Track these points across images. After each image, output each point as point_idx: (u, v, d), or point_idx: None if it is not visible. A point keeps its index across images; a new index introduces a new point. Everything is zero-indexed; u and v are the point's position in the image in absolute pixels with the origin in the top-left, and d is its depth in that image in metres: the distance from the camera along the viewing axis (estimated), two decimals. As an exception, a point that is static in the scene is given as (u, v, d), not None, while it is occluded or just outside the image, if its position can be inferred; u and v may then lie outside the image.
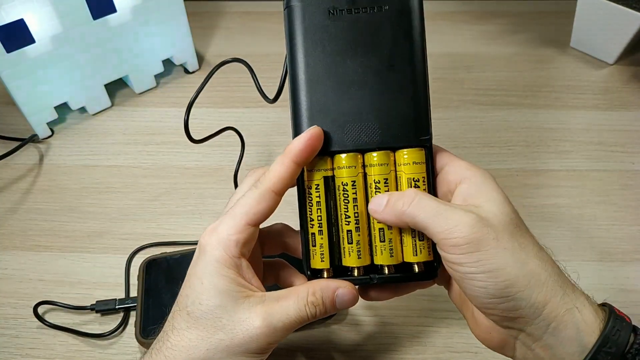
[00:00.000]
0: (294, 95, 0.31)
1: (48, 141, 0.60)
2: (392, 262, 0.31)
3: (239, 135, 0.51)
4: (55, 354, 0.42)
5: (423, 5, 0.31)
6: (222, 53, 0.70)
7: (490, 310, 0.28)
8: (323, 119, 0.30)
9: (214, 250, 0.30)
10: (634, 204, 0.50)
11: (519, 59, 0.66)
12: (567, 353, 0.27)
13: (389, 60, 0.30)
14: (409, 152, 0.30)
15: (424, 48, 0.31)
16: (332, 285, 0.30)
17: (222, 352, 0.28)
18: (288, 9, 0.31)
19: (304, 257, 0.31)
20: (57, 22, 0.53)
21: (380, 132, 0.30)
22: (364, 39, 0.30)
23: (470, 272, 0.27)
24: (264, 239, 0.35)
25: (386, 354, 0.41)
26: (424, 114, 0.30)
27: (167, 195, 0.53)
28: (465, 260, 0.27)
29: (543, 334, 0.27)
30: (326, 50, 0.30)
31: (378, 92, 0.30)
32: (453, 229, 0.27)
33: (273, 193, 0.30)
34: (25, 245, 0.50)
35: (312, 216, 0.31)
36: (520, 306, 0.27)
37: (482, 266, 0.27)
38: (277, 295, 0.30)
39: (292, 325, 0.29)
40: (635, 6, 0.58)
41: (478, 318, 0.31)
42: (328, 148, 0.30)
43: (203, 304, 0.29)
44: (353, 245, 0.31)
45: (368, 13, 0.30)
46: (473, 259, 0.27)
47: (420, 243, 0.31)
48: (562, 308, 0.27)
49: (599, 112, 0.59)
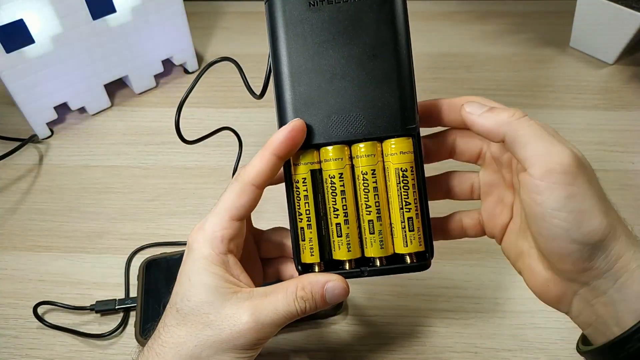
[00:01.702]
0: (278, 89, 0.31)
1: (48, 141, 0.60)
2: (383, 254, 0.31)
3: (236, 135, 0.51)
4: (55, 354, 0.42)
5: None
6: (221, 53, 0.69)
7: (563, 258, 0.27)
8: (308, 112, 0.30)
9: (201, 247, 0.30)
10: (633, 203, 0.50)
11: (519, 59, 0.66)
12: (630, 310, 0.26)
13: (372, 50, 0.30)
14: (396, 142, 0.30)
15: (407, 36, 0.31)
16: (321, 279, 0.30)
17: (210, 348, 0.28)
18: (269, 3, 0.31)
19: (294, 253, 0.31)
20: (57, 22, 0.53)
21: (366, 122, 0.30)
22: (346, 29, 0.30)
23: (556, 208, 0.26)
24: (259, 241, 0.35)
25: (386, 353, 0.41)
26: (409, 102, 0.30)
27: (166, 195, 0.53)
28: (555, 192, 0.26)
29: (609, 288, 0.27)
30: (308, 42, 0.30)
31: (362, 82, 0.30)
32: (553, 154, 0.26)
33: (253, 186, 0.30)
34: (25, 246, 0.50)
35: (300, 210, 0.31)
36: (597, 256, 0.26)
37: (571, 203, 0.26)
38: (265, 291, 0.30)
39: (280, 321, 0.29)
40: (635, 6, 0.58)
41: (536, 269, 0.30)
42: (314, 141, 0.30)
43: (191, 301, 0.29)
44: (343, 239, 0.30)
45: (349, 3, 0.30)
46: (564, 192, 0.26)
47: (411, 234, 0.30)
48: (634, 264, 0.26)
49: (598, 112, 0.59)
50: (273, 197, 0.31)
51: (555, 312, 0.42)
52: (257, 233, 0.36)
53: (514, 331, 0.41)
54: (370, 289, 0.45)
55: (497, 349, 0.41)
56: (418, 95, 0.31)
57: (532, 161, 0.27)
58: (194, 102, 0.62)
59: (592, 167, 0.28)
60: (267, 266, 0.36)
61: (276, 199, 0.39)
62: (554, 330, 0.41)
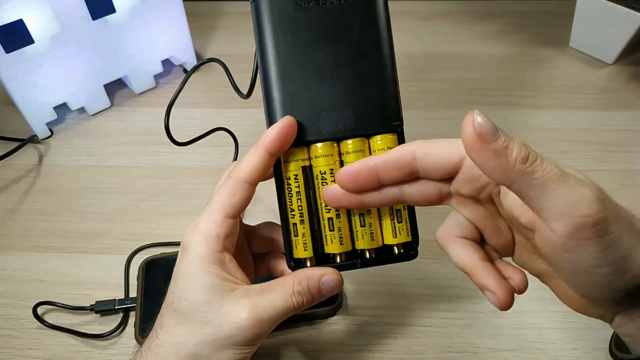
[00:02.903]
0: (267, 88, 0.31)
1: (47, 141, 0.60)
2: (373, 245, 0.32)
3: (231, 135, 0.51)
4: (55, 354, 0.42)
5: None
6: (221, 53, 0.70)
7: (604, 302, 0.25)
8: (297, 110, 0.31)
9: (196, 246, 0.30)
10: (633, 203, 0.49)
11: (519, 58, 0.66)
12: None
13: (357, 50, 0.31)
14: (382, 138, 0.31)
15: (390, 35, 0.31)
16: (317, 273, 0.30)
17: (209, 346, 0.29)
18: (255, 3, 0.31)
19: (286, 248, 0.32)
20: (56, 22, 0.53)
21: (354, 120, 0.31)
22: (333, 29, 0.31)
23: (593, 265, 0.22)
24: (250, 237, 0.36)
25: (386, 354, 0.41)
26: (393, 100, 0.31)
27: (166, 196, 0.53)
28: (589, 248, 0.22)
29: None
30: (296, 42, 0.31)
31: (349, 81, 0.31)
32: (578, 202, 0.21)
33: (246, 183, 0.30)
34: (25, 246, 0.50)
35: (292, 207, 0.31)
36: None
37: (609, 256, 0.22)
38: (261, 288, 0.30)
39: (278, 316, 0.29)
40: (635, 6, 0.58)
41: (569, 293, 0.27)
42: (304, 138, 0.31)
43: (189, 300, 0.29)
44: (335, 232, 0.31)
45: (335, 4, 0.31)
46: (599, 246, 0.22)
47: (399, 225, 0.31)
48: None
49: (598, 112, 0.59)
50: (257, 195, 0.32)
51: (555, 312, 0.42)
52: (248, 229, 0.36)
53: (514, 331, 0.41)
54: (370, 288, 0.45)
55: (497, 349, 0.41)
56: (419, 95, 0.31)
57: (552, 214, 0.22)
58: (194, 103, 0.62)
59: (606, 193, 0.24)
60: (257, 261, 0.36)
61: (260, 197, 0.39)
62: (554, 330, 0.41)
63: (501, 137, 0.23)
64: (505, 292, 0.27)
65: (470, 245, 0.29)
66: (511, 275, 0.28)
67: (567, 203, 0.22)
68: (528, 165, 0.22)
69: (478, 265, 0.28)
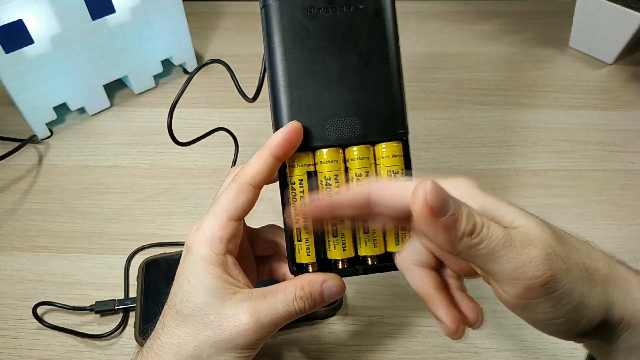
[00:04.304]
0: (274, 93, 0.31)
1: (47, 142, 0.60)
2: (376, 252, 0.32)
3: (231, 135, 0.51)
4: (55, 354, 0.42)
5: (395, 5, 0.32)
6: (221, 53, 0.70)
7: (571, 340, 0.26)
8: (303, 115, 0.31)
9: (200, 248, 0.30)
10: (633, 203, 0.50)
11: (518, 58, 0.66)
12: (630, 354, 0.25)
13: (365, 58, 0.31)
14: (387, 146, 0.31)
15: (397, 45, 0.32)
16: (320, 279, 0.30)
17: (210, 348, 0.29)
18: (265, 8, 0.31)
19: (289, 253, 0.32)
20: (56, 22, 0.53)
21: (360, 127, 0.31)
22: (341, 37, 0.31)
23: (548, 319, 0.24)
24: (253, 239, 0.36)
25: (386, 354, 0.41)
26: (399, 108, 0.31)
27: (166, 196, 0.53)
28: (541, 305, 0.23)
29: (617, 339, 0.26)
30: (305, 48, 0.31)
31: (356, 89, 0.31)
32: (525, 264, 0.22)
33: (251, 186, 0.30)
34: (25, 246, 0.50)
35: (296, 211, 0.31)
36: (603, 333, 0.25)
37: (562, 308, 0.23)
38: (264, 292, 0.30)
39: (280, 321, 0.29)
40: (634, 6, 0.58)
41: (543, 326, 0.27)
42: (309, 143, 0.31)
43: (191, 302, 0.29)
44: (338, 239, 0.31)
45: (345, 12, 0.31)
46: (551, 302, 0.23)
47: (402, 232, 0.31)
48: (634, 316, 0.25)
49: (597, 111, 0.59)
50: (262, 197, 0.32)
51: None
52: (251, 231, 0.36)
53: (514, 331, 0.41)
54: (370, 289, 0.45)
55: (497, 349, 0.41)
56: (419, 95, 0.31)
57: (501, 278, 0.24)
58: (195, 103, 0.62)
59: (540, 221, 0.24)
60: (260, 264, 0.36)
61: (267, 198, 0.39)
62: (553, 330, 0.41)
63: (450, 209, 0.23)
64: (455, 323, 0.27)
65: (426, 274, 0.29)
66: (465, 310, 0.29)
67: (514, 268, 0.23)
68: (474, 237, 0.23)
69: (432, 294, 0.28)
